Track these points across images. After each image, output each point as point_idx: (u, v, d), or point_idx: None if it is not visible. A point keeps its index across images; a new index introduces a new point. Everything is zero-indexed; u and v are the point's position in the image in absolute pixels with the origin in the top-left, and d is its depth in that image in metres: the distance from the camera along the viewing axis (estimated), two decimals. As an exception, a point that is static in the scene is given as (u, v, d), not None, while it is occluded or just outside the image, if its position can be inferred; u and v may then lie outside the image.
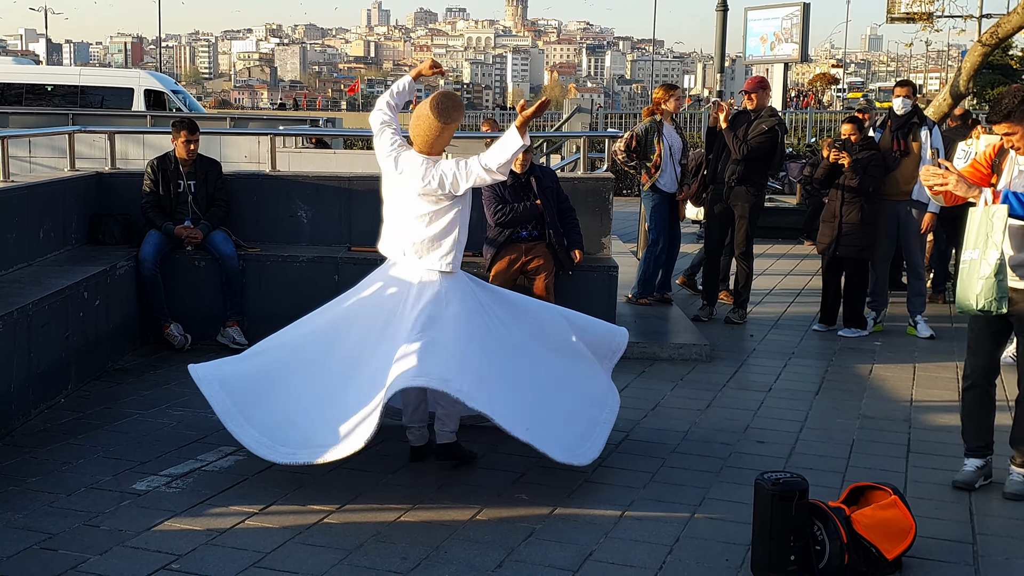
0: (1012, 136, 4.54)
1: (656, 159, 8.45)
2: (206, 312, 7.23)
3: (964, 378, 4.93)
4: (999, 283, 4.43)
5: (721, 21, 20.30)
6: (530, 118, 4.70)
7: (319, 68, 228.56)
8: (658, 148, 8.44)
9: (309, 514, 4.38)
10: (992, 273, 4.42)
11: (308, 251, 7.48)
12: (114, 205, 7.68)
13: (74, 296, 6.14)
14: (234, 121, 20.03)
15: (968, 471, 4.87)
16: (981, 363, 4.83)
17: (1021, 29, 13.51)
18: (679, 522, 4.37)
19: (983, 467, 4.87)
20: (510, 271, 6.90)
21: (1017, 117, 4.48)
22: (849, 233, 7.86)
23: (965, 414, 4.94)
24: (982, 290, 4.45)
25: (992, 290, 4.43)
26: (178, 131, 7.33)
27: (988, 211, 4.46)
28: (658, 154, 8.44)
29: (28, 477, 4.72)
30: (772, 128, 8.03)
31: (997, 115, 4.53)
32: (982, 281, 4.45)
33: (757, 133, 8.04)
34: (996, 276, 4.42)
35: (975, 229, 4.51)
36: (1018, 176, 4.62)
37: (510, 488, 4.68)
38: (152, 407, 5.86)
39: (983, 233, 4.46)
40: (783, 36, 43.94)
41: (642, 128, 8.66)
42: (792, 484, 3.87)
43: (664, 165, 8.47)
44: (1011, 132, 4.52)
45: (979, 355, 4.82)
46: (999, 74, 35.86)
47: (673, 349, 7.29)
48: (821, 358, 7.41)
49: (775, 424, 5.80)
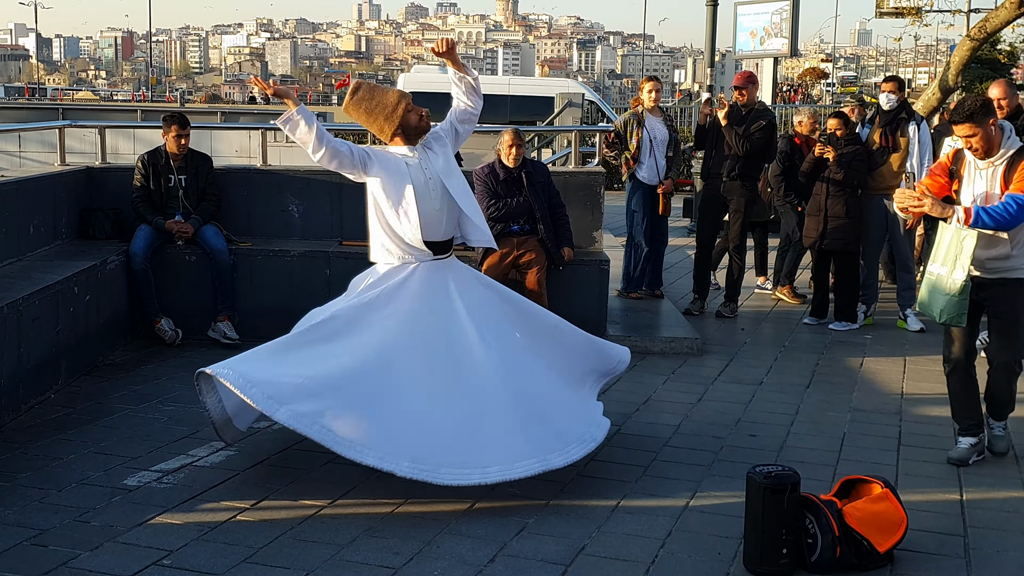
0: (972, 138, 4.72)
1: (634, 150, 8.43)
2: (197, 307, 7.21)
3: (945, 364, 5.15)
4: (962, 302, 4.77)
5: (711, 16, 20.29)
6: None
7: (310, 62, 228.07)
8: (636, 138, 8.42)
9: (301, 509, 4.37)
10: (957, 293, 4.76)
11: (299, 245, 7.47)
12: (104, 200, 7.65)
13: (64, 291, 6.12)
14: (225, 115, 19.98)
15: (962, 448, 5.11)
16: (959, 347, 5.05)
17: (1009, 24, 13.56)
18: (671, 515, 4.38)
19: (976, 444, 5.11)
20: (502, 265, 6.90)
21: (978, 119, 4.66)
22: (835, 227, 7.88)
23: (953, 397, 5.18)
24: (946, 307, 4.82)
25: (956, 307, 4.80)
26: (168, 125, 7.30)
27: (959, 234, 4.74)
28: (635, 145, 8.43)
29: (18, 473, 4.70)
30: (770, 123, 8.04)
31: (960, 116, 4.70)
32: (946, 298, 4.81)
33: (756, 128, 8.05)
34: (960, 296, 4.76)
35: (944, 247, 4.83)
36: (978, 181, 4.83)
37: (502, 482, 4.67)
38: (143, 402, 5.84)
39: (952, 254, 4.77)
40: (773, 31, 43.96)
41: (622, 120, 8.68)
42: (784, 477, 3.87)
43: (643, 157, 8.46)
44: (972, 134, 4.70)
45: (956, 338, 5.05)
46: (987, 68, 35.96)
47: (664, 343, 7.29)
48: (812, 351, 7.43)
49: (766, 417, 5.81)
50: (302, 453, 4.98)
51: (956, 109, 4.80)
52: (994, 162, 4.78)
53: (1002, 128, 4.80)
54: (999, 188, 4.76)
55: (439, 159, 4.90)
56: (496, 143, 7.12)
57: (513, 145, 6.93)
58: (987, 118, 4.70)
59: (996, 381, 5.08)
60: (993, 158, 4.78)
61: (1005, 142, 4.78)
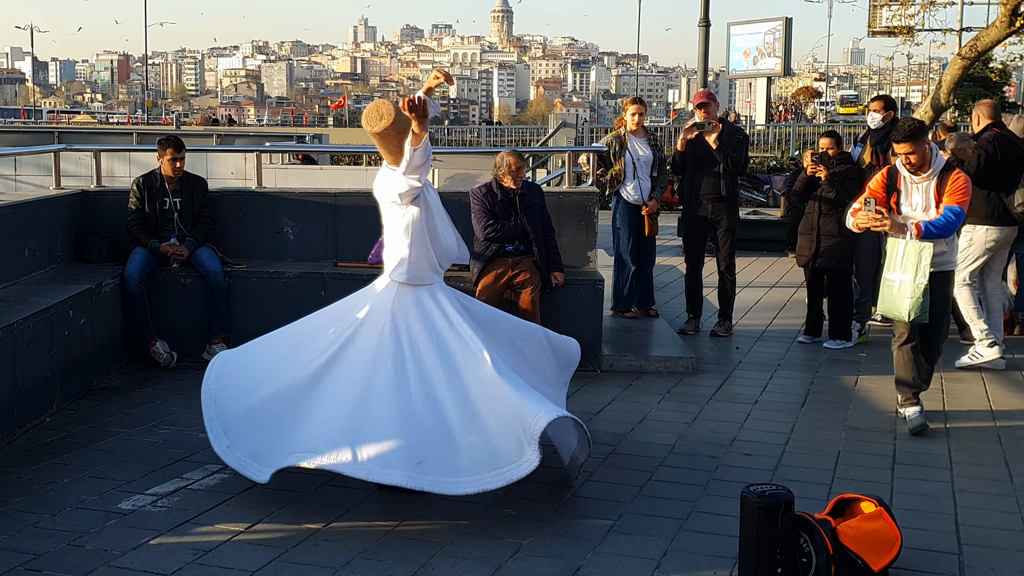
0: (912, 155, 5.62)
1: (619, 172, 8.48)
2: (192, 329, 7.21)
3: (897, 339, 6.00)
4: (924, 302, 5.65)
5: (703, 36, 20.41)
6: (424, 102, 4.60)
7: (306, 84, 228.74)
8: (619, 163, 8.48)
9: (296, 532, 4.37)
10: (920, 295, 5.65)
11: (294, 267, 7.48)
12: (100, 223, 7.66)
13: (59, 314, 6.12)
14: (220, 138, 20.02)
15: (916, 419, 5.87)
16: (908, 326, 5.90)
17: (999, 42, 13.66)
18: (666, 535, 4.38)
19: (923, 411, 5.92)
20: (496, 285, 6.91)
21: (915, 139, 5.59)
22: (828, 245, 7.91)
23: (901, 367, 5.99)
24: (912, 307, 5.70)
25: (921, 307, 5.68)
26: (164, 149, 7.32)
27: (917, 246, 5.64)
28: (619, 168, 8.48)
29: (12, 497, 4.69)
30: (745, 137, 8.14)
31: (901, 135, 5.62)
32: (911, 300, 5.68)
33: (735, 146, 8.12)
34: (924, 297, 5.65)
35: (901, 257, 5.72)
36: (915, 193, 5.76)
37: (497, 503, 4.67)
38: (137, 425, 5.84)
39: (911, 263, 5.66)
40: (766, 50, 44.31)
41: (605, 141, 8.75)
42: (778, 496, 3.88)
43: (627, 178, 8.50)
44: (911, 151, 5.61)
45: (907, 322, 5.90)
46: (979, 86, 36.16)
47: (659, 362, 7.30)
48: (807, 370, 7.44)
49: (761, 436, 5.81)
50: (296, 476, 4.97)
51: (897, 130, 5.67)
52: (927, 176, 5.70)
53: (931, 147, 5.71)
54: (934, 199, 5.70)
55: None
56: (496, 163, 7.13)
57: (518, 168, 6.96)
58: (923, 138, 5.64)
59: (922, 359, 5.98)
60: (926, 173, 5.69)
61: (934, 160, 5.71)
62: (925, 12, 15.41)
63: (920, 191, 5.74)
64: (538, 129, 28.49)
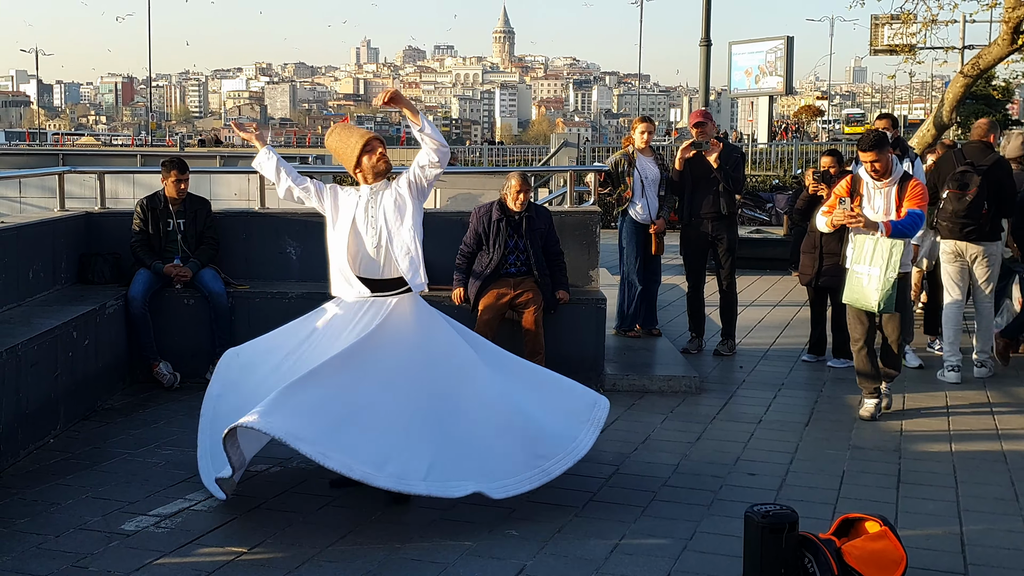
0: (877, 162, 6.24)
1: (627, 192, 8.50)
2: (195, 350, 7.22)
3: (854, 343, 6.66)
4: (892, 294, 6.24)
5: (705, 56, 20.47)
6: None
7: (309, 105, 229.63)
8: (628, 180, 8.49)
9: (298, 553, 4.35)
10: (891, 288, 6.22)
11: (297, 287, 7.49)
12: (103, 244, 7.68)
13: (63, 336, 6.13)
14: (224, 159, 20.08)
15: (870, 407, 6.58)
16: (863, 330, 6.58)
17: (1002, 60, 13.67)
18: (670, 556, 4.36)
19: (879, 403, 6.61)
20: (499, 304, 6.92)
21: (880, 147, 6.20)
22: (830, 264, 7.90)
23: (861, 367, 6.63)
24: (882, 298, 6.25)
25: (890, 299, 6.26)
26: (168, 170, 7.36)
27: (887, 243, 6.20)
28: (628, 186, 8.50)
29: (16, 519, 4.69)
30: (743, 155, 8.16)
31: (866, 144, 6.23)
32: (880, 292, 6.24)
33: (734, 164, 8.15)
34: (892, 289, 6.23)
35: (871, 252, 6.27)
36: (877, 198, 6.37)
37: (500, 524, 4.66)
38: (141, 446, 5.83)
39: (881, 257, 6.21)
40: (767, 69, 44.41)
41: (612, 160, 8.72)
42: (782, 516, 3.87)
43: (636, 196, 8.52)
44: (877, 159, 6.22)
45: (862, 323, 6.57)
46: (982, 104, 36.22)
47: (662, 381, 7.30)
48: (811, 389, 7.43)
49: (765, 456, 5.80)
50: (299, 496, 4.98)
51: (862, 139, 6.31)
52: (888, 183, 6.32)
53: (892, 157, 6.34)
54: (895, 203, 6.31)
55: (390, 200, 5.07)
56: (503, 185, 7.17)
57: (521, 191, 6.98)
58: (887, 148, 6.27)
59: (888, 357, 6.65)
60: (887, 180, 6.31)
61: (896, 168, 6.34)
62: (927, 30, 15.43)
63: (882, 195, 6.37)
64: (540, 149, 28.55)
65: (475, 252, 7.09)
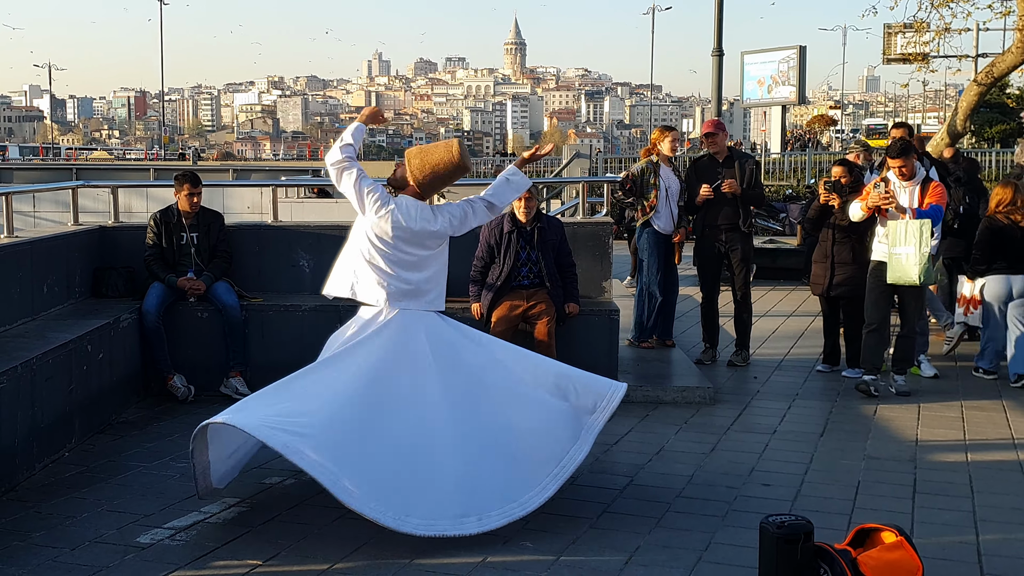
0: (904, 167, 7.26)
1: (652, 200, 8.48)
2: (209, 363, 7.24)
3: (867, 325, 7.43)
4: (929, 267, 7.08)
5: (717, 66, 20.46)
6: (529, 161, 5.41)
7: (321, 118, 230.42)
8: (655, 190, 8.46)
9: (313, 566, 4.35)
10: (926, 261, 7.05)
11: (310, 300, 7.51)
12: (117, 258, 7.72)
13: (78, 349, 6.16)
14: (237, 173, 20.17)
15: (867, 381, 7.31)
16: (880, 314, 7.39)
17: (1016, 68, 13.64)
18: (685, 567, 4.34)
19: (875, 380, 7.33)
20: (511, 316, 6.92)
21: (906, 154, 7.26)
22: (842, 273, 7.88)
23: (868, 348, 7.41)
24: (921, 271, 7.05)
25: (927, 272, 7.08)
26: (181, 184, 7.39)
27: (916, 223, 7.08)
28: (654, 195, 8.47)
29: (32, 532, 4.71)
30: (757, 164, 8.16)
31: (895, 152, 7.29)
32: (918, 267, 7.05)
33: (752, 180, 8.14)
34: (928, 263, 7.06)
35: (904, 234, 7.10)
36: (903, 196, 7.24)
37: (515, 536, 4.65)
38: (156, 459, 5.85)
39: (914, 237, 7.05)
40: (780, 79, 44.33)
41: (638, 168, 8.67)
42: (797, 527, 3.85)
43: (660, 206, 8.50)
44: (903, 164, 7.26)
45: (879, 308, 7.40)
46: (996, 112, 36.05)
47: (676, 392, 7.28)
48: (825, 399, 7.40)
49: (780, 467, 5.78)
50: (313, 509, 4.98)
51: (891, 147, 7.38)
52: (912, 184, 7.29)
53: (915, 163, 7.38)
54: (917, 201, 7.24)
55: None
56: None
57: (523, 199, 6.98)
58: (912, 154, 7.33)
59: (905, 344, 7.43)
60: (912, 181, 7.30)
61: (919, 171, 7.42)
62: (940, 39, 15.39)
63: (907, 194, 7.29)
64: (552, 160, 28.57)
65: (488, 264, 7.10)
